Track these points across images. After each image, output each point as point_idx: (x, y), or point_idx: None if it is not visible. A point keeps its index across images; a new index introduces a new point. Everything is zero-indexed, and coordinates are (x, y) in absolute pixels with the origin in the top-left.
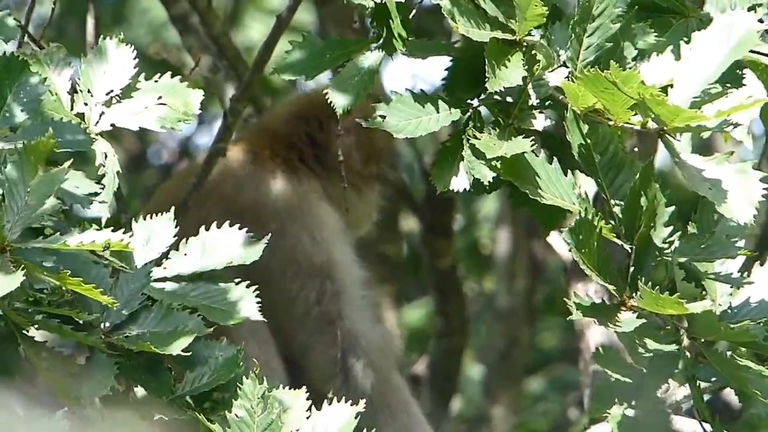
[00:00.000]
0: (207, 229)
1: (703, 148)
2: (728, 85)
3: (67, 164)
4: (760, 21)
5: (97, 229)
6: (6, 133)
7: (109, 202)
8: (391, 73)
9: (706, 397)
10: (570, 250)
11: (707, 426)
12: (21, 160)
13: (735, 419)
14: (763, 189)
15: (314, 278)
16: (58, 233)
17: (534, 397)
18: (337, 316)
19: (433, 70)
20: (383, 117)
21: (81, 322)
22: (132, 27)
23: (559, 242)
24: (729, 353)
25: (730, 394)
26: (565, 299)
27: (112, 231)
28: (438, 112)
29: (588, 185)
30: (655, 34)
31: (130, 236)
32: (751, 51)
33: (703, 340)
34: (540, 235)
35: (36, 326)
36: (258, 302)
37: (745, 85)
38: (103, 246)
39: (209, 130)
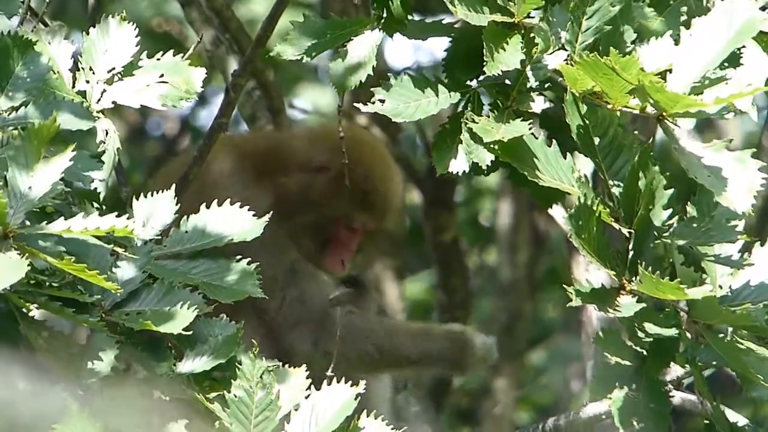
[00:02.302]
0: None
1: (705, 123)
2: (725, 65)
3: (70, 148)
4: (762, 9)
5: (99, 209)
6: (9, 113)
7: (108, 180)
8: (393, 47)
9: (707, 373)
10: (570, 237)
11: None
12: (24, 143)
13: (738, 394)
14: (762, 178)
15: (273, 289)
16: (61, 217)
17: (536, 370)
18: (299, 320)
19: (436, 43)
20: (382, 101)
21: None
22: (134, 0)
23: (560, 214)
24: (730, 330)
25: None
26: (564, 285)
27: (116, 216)
28: (437, 96)
29: (586, 166)
30: (654, 14)
31: (132, 221)
32: None
33: (703, 323)
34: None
35: (37, 307)
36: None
37: (742, 64)
38: (107, 232)
39: (213, 104)
